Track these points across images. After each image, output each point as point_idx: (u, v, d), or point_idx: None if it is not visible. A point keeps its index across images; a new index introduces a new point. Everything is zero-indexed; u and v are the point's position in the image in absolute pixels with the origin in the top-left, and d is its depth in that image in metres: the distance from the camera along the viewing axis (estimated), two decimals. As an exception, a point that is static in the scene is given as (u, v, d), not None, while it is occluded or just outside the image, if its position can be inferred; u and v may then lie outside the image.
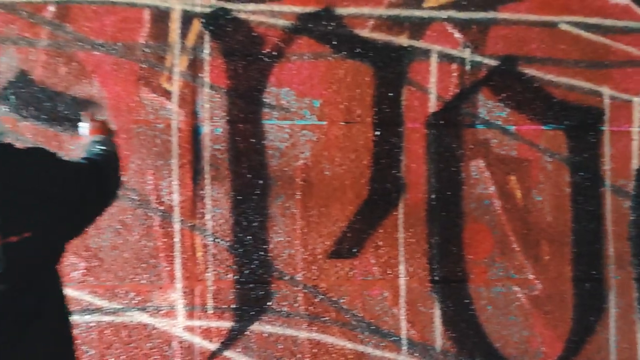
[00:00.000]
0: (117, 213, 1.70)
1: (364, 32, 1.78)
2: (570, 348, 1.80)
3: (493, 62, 1.81)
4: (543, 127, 1.83)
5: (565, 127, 1.83)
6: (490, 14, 1.81)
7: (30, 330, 0.95)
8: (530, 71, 1.82)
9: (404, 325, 1.78)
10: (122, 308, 1.71)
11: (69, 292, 1.62)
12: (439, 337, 1.79)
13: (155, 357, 1.72)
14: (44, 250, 0.97)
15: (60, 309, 1.07)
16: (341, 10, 1.77)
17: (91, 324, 1.70)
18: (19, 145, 0.99)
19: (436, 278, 1.79)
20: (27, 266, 0.93)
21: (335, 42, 1.77)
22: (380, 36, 1.78)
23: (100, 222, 1.65)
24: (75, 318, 1.68)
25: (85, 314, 1.70)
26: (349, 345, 1.77)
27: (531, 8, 1.82)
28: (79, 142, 1.43)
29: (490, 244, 1.80)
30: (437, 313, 1.79)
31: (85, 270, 1.71)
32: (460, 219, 1.80)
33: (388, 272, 1.78)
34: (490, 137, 1.82)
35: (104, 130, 1.41)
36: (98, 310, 1.71)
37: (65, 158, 1.10)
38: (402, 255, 1.79)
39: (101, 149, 1.28)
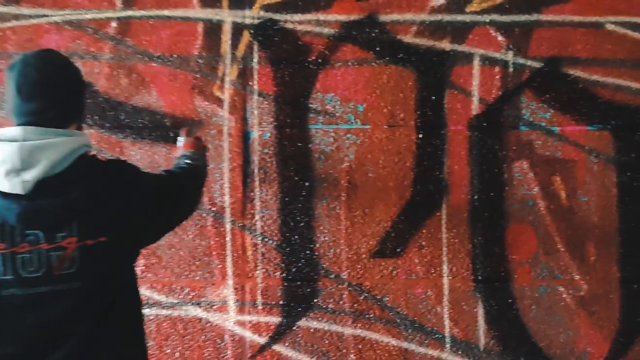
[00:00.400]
0: (174, 214, 1.85)
1: (407, 38, 1.87)
2: (617, 349, 1.84)
3: (536, 64, 1.87)
4: (588, 128, 1.87)
5: (611, 128, 1.86)
6: (534, 17, 1.87)
7: (104, 324, 1.08)
8: (574, 72, 1.87)
9: (447, 323, 1.86)
10: (178, 303, 1.87)
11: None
12: (482, 335, 1.86)
13: (209, 349, 1.87)
14: (118, 253, 1.10)
15: (134, 304, 1.20)
16: (384, 18, 1.87)
17: (150, 317, 1.87)
18: (101, 157, 1.13)
19: (479, 277, 1.86)
20: (101, 267, 1.07)
21: (379, 48, 1.87)
22: (422, 41, 1.87)
23: (159, 222, 1.81)
24: (136, 311, 1.84)
25: (145, 308, 1.86)
26: (393, 342, 1.87)
27: (576, 9, 1.87)
28: (175, 154, 1.58)
29: (533, 245, 1.86)
30: (480, 312, 1.86)
31: (144, 267, 1.88)
32: (503, 219, 1.86)
33: (431, 271, 1.87)
34: (534, 139, 1.87)
35: (196, 145, 1.54)
36: (156, 304, 1.87)
37: (146, 171, 1.23)
38: (445, 255, 1.87)
39: (187, 163, 1.41)
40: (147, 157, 1.86)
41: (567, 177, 1.87)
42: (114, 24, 1.87)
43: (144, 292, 1.87)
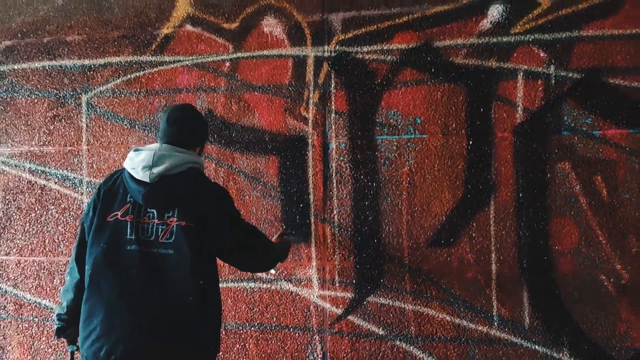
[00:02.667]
0: (271, 209, 2.73)
1: (458, 60, 2.54)
2: (660, 335, 2.27)
3: (577, 75, 2.41)
4: (630, 131, 2.34)
5: (652, 130, 2.32)
6: (574, 33, 2.41)
7: (184, 285, 1.78)
8: (615, 81, 2.37)
9: (495, 304, 2.46)
10: (275, 279, 2.73)
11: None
12: (527, 316, 2.43)
13: (298, 316, 2.70)
14: (199, 239, 1.82)
15: (211, 280, 1.90)
16: (438, 44, 2.56)
17: (254, 289, 2.75)
18: (212, 180, 2.02)
19: (524, 265, 2.43)
20: (188, 243, 1.79)
21: (434, 70, 2.56)
22: (471, 61, 2.52)
23: (260, 215, 2.70)
24: (242, 284, 2.75)
25: (250, 282, 2.76)
26: (447, 317, 2.52)
27: (615, 24, 2.37)
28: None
29: (575, 237, 2.38)
30: (525, 295, 2.44)
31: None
32: (546, 214, 2.42)
33: (481, 259, 2.49)
34: (576, 142, 2.41)
35: (283, 242, 2.50)
36: (259, 279, 2.75)
37: (235, 207, 2.00)
38: (493, 245, 2.48)
39: (270, 241, 2.22)
40: (252, 164, 2.76)
41: (608, 176, 2.36)
42: (227, 64, 2.81)
43: (249, 269, 2.75)
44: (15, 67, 3.05)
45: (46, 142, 2.98)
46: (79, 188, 2.95)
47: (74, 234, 2.93)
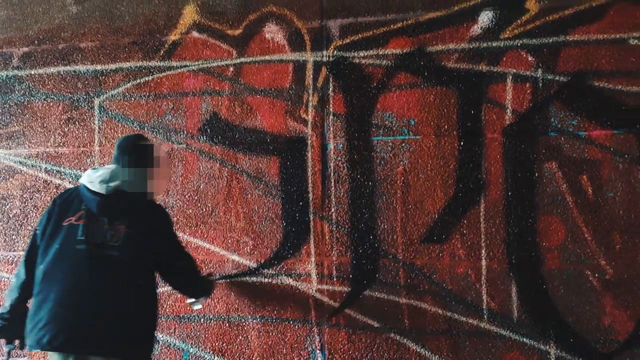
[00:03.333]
0: (272, 207, 2.92)
1: (450, 64, 2.71)
2: (642, 328, 2.41)
3: (564, 79, 2.56)
4: (614, 132, 2.49)
5: (636, 131, 2.46)
6: (561, 38, 2.56)
7: (126, 284, 2.15)
8: (600, 84, 2.52)
9: (485, 298, 2.63)
10: (276, 273, 2.92)
11: (243, 261, 2.90)
12: (515, 310, 2.59)
13: (298, 309, 2.89)
14: (142, 246, 2.20)
15: (149, 283, 2.26)
16: (431, 49, 2.73)
17: (257, 283, 2.95)
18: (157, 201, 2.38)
19: (513, 261, 2.59)
20: (132, 248, 2.16)
21: (427, 74, 2.74)
22: (463, 66, 2.69)
23: (261, 213, 2.89)
24: (245, 279, 2.95)
25: (252, 276, 2.96)
26: (439, 311, 2.69)
27: (600, 29, 2.52)
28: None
29: (562, 234, 2.54)
30: (514, 290, 2.59)
31: (251, 247, 2.97)
32: (534, 211, 2.58)
33: (471, 254, 2.66)
34: (562, 143, 2.56)
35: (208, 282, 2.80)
36: (261, 274, 2.95)
37: (173, 229, 2.45)
38: (483, 242, 2.64)
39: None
40: (254, 164, 2.95)
41: (593, 175, 2.52)
42: (231, 69, 3.02)
43: (252, 264, 2.96)
44: (32, 72, 3.29)
45: (61, 144, 3.22)
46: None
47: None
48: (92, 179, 2.23)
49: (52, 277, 2.13)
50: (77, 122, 3.21)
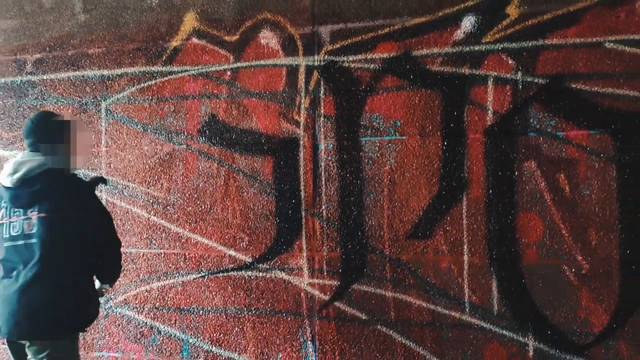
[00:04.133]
0: (267, 205, 3.12)
1: (434, 67, 2.88)
2: (617, 320, 2.55)
3: (542, 81, 2.71)
4: (590, 132, 2.63)
5: (611, 131, 2.60)
6: (540, 42, 2.71)
7: (49, 264, 2.25)
8: (577, 86, 2.66)
9: (467, 292, 2.79)
10: (270, 268, 3.12)
11: (239, 256, 3.11)
12: (496, 303, 2.74)
13: (290, 302, 3.09)
14: (59, 225, 2.28)
15: (73, 258, 2.32)
16: (416, 53, 2.91)
17: (252, 277, 3.15)
18: (68, 173, 2.43)
19: (494, 256, 2.75)
20: (49, 230, 2.26)
21: (412, 77, 2.91)
22: (446, 69, 2.85)
23: (256, 210, 3.10)
24: (241, 273, 3.15)
25: (248, 271, 3.16)
26: (424, 304, 2.86)
27: (577, 32, 2.67)
28: None
29: (540, 230, 2.68)
30: (494, 284, 2.75)
31: (247, 242, 3.17)
32: (514, 209, 2.73)
33: (454, 250, 2.81)
34: (541, 142, 2.71)
35: None
36: (256, 268, 3.15)
37: (93, 192, 2.47)
38: (465, 238, 2.80)
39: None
40: (250, 164, 3.16)
41: (571, 174, 2.66)
42: (228, 73, 3.23)
43: (247, 259, 3.16)
44: (44, 78, 3.56)
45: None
46: (98, 186, 3.42)
47: (94, 227, 3.40)
48: (3, 174, 2.35)
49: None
50: (85, 124, 3.46)
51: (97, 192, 2.54)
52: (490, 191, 2.78)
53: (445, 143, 2.86)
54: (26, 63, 3.59)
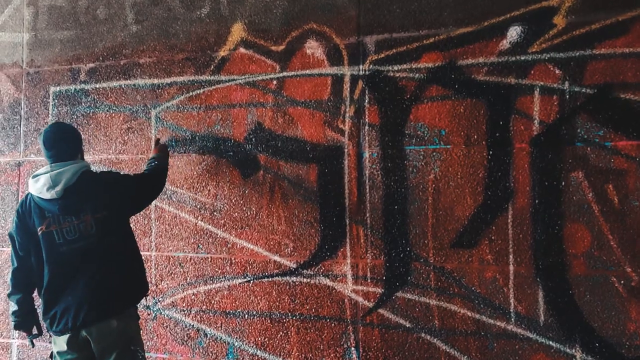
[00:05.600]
0: (311, 212, 3.27)
1: (479, 77, 2.98)
2: (666, 334, 2.59)
3: (590, 91, 2.78)
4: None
5: (662, 142, 2.65)
6: (587, 52, 2.78)
7: (111, 260, 2.63)
8: (625, 96, 2.72)
9: (512, 302, 2.87)
10: (314, 274, 3.27)
11: (284, 262, 3.27)
12: (542, 314, 2.82)
13: (334, 308, 3.22)
14: (114, 221, 2.67)
15: (132, 250, 2.78)
16: (461, 62, 3.01)
17: (296, 283, 3.31)
18: (96, 170, 2.81)
19: (540, 266, 2.82)
20: (106, 228, 2.61)
21: (457, 86, 3.01)
22: (492, 79, 2.95)
23: (301, 217, 3.25)
24: (285, 278, 3.31)
25: (292, 276, 3.32)
26: (468, 313, 2.95)
27: (627, 42, 2.72)
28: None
29: (588, 241, 2.75)
30: (540, 294, 2.82)
31: (292, 248, 3.33)
32: (560, 219, 2.80)
33: (499, 259, 2.90)
34: (589, 153, 2.77)
35: (160, 149, 3.25)
36: (300, 274, 3.31)
37: (123, 173, 2.86)
38: (511, 247, 2.89)
39: (153, 163, 3.07)
40: (295, 171, 3.32)
41: (619, 184, 2.71)
42: (274, 82, 3.40)
43: (291, 265, 3.32)
44: (97, 86, 3.81)
45: (121, 151, 3.71)
46: (148, 191, 3.65)
47: (144, 231, 3.62)
48: (38, 189, 2.58)
49: (51, 279, 2.61)
50: (136, 132, 3.69)
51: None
52: (537, 201, 2.86)
53: (491, 152, 2.95)
54: (80, 72, 3.85)
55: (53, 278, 2.60)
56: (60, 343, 2.63)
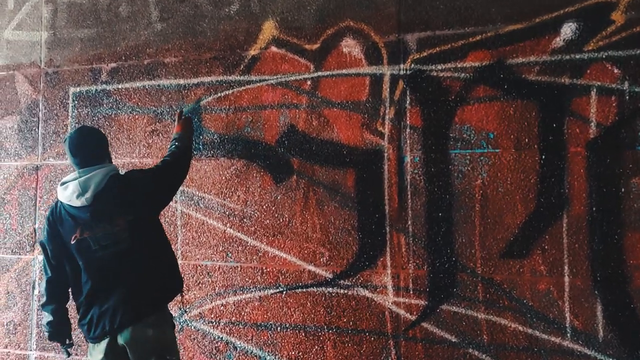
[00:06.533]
0: (349, 219, 3.16)
1: (531, 76, 2.86)
2: None
3: (653, 91, 2.65)
4: None
5: None
6: (649, 49, 2.66)
7: (146, 259, 2.63)
8: (692, 96, 2.59)
9: (568, 316, 2.75)
10: (352, 285, 3.16)
11: (319, 272, 3.15)
12: (601, 329, 2.70)
13: (374, 321, 3.11)
14: (147, 219, 2.69)
15: (164, 244, 2.78)
16: (511, 61, 2.90)
17: (332, 294, 3.19)
18: (124, 171, 2.78)
19: (598, 278, 2.70)
20: (140, 229, 2.61)
21: (506, 87, 2.90)
22: (544, 78, 2.83)
23: (337, 224, 3.14)
24: (321, 289, 3.20)
25: (328, 287, 3.21)
26: (520, 327, 2.84)
27: (693, 39, 2.60)
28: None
29: (651, 251, 2.62)
30: (599, 308, 2.70)
31: (328, 258, 3.22)
32: (620, 228, 2.68)
33: (554, 270, 2.78)
34: (651, 157, 2.65)
35: (184, 125, 3.15)
36: (336, 285, 3.19)
37: (146, 169, 2.86)
38: (566, 258, 2.77)
39: (175, 146, 2.98)
40: (330, 176, 3.21)
41: (685, 191, 2.59)
42: (308, 82, 3.29)
43: (328, 275, 3.21)
44: (119, 87, 3.71)
45: (145, 155, 3.60)
46: (175, 197, 3.54)
47: (170, 239, 3.51)
48: (68, 196, 2.56)
49: (88, 288, 2.60)
50: (160, 134, 3.58)
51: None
52: (594, 208, 2.74)
53: (543, 157, 2.83)
54: (101, 72, 3.75)
55: (93, 284, 2.58)
56: (97, 354, 2.59)
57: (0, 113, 3.99)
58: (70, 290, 2.73)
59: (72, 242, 2.57)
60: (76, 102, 3.81)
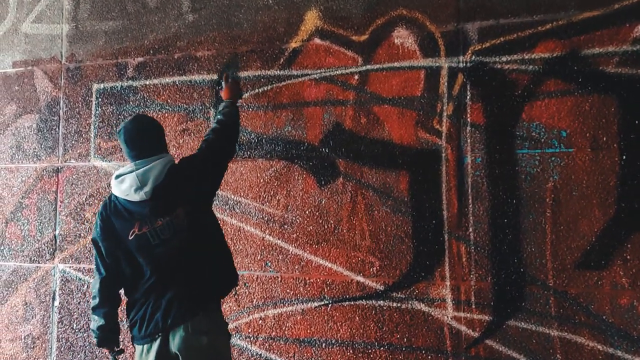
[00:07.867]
0: (402, 225, 2.95)
1: (609, 69, 2.65)
2: None
3: None
4: None
5: None
6: None
7: (203, 248, 2.51)
8: None
9: (655, 333, 2.52)
10: (406, 297, 2.95)
11: (369, 283, 2.95)
12: (693, 348, 2.47)
13: (431, 338, 2.90)
14: (203, 207, 2.59)
15: (219, 234, 2.65)
16: (586, 52, 2.69)
17: (384, 307, 2.99)
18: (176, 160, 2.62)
19: (689, 292, 2.49)
20: (198, 218, 2.49)
21: (581, 80, 2.69)
22: (625, 70, 2.62)
23: (389, 231, 2.94)
24: (371, 302, 2.99)
25: (379, 300, 3.01)
26: (599, 346, 2.62)
27: None
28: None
29: None
30: (691, 325, 2.47)
31: (378, 268, 3.01)
32: None
33: (637, 283, 2.56)
34: None
35: (231, 91, 2.95)
36: (388, 297, 2.99)
37: (194, 153, 2.68)
38: (652, 269, 2.54)
39: (219, 121, 2.77)
40: (381, 179, 3.02)
41: None
42: (356, 77, 3.09)
43: (378, 286, 3.00)
44: (147, 83, 3.53)
45: (176, 155, 3.41)
46: (208, 201, 3.35)
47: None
48: (125, 190, 2.44)
49: (155, 284, 2.47)
50: (192, 134, 3.39)
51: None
52: (684, 215, 2.53)
53: (624, 157, 2.62)
54: (127, 67, 3.57)
55: (155, 281, 2.47)
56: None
57: (18, 112, 3.82)
58: (123, 290, 2.60)
59: (130, 238, 2.45)
60: (100, 99, 3.63)
